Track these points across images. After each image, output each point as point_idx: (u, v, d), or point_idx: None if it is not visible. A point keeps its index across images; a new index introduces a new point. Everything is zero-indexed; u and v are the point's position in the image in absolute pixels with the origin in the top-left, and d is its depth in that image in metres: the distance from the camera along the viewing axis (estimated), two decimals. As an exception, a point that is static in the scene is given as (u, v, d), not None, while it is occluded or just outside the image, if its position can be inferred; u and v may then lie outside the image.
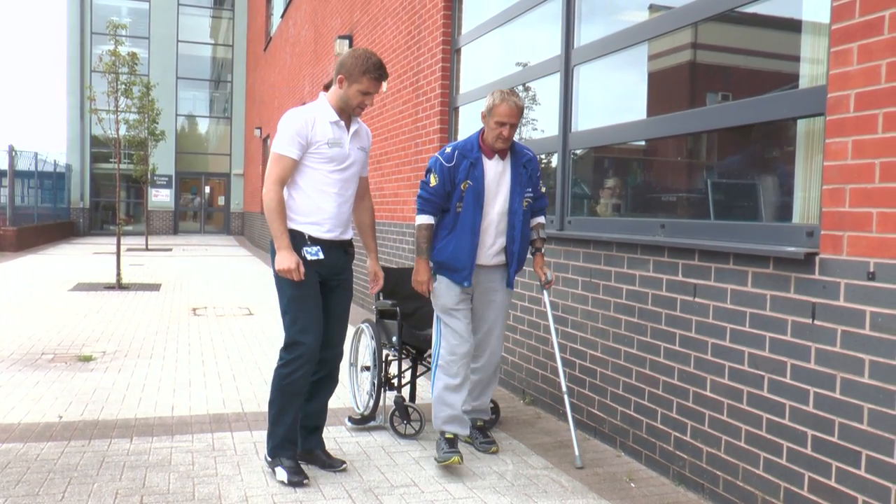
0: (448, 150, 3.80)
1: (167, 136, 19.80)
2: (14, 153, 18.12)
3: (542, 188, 3.99)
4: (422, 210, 3.81)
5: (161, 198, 27.77)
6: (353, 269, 8.96)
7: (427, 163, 3.78)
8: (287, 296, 3.40)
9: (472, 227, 3.73)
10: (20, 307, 8.69)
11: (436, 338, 3.87)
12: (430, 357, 4.41)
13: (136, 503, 3.17)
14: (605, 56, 4.35)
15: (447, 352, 3.78)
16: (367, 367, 4.36)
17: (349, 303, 3.65)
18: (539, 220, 4.02)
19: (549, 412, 4.68)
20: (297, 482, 3.35)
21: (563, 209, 4.72)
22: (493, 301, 3.92)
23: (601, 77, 4.52)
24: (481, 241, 3.79)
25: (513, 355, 5.16)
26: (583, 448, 3.98)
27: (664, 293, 3.61)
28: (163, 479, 3.44)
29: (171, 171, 27.71)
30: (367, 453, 3.87)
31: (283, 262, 3.30)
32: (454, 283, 3.77)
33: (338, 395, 4.75)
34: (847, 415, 2.64)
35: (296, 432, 3.51)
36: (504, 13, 5.63)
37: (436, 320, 3.88)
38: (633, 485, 3.52)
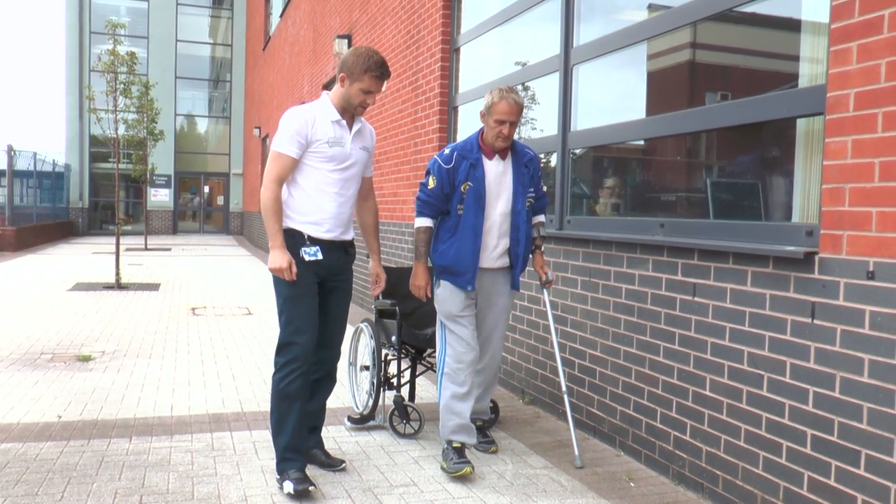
0: (447, 152, 3.72)
1: (166, 136, 19.78)
2: (13, 153, 18.11)
3: (543, 187, 3.93)
4: (420, 213, 3.75)
5: (160, 197, 27.76)
6: (353, 269, 8.95)
7: (426, 163, 3.74)
8: (283, 295, 3.35)
9: (474, 229, 3.65)
10: (19, 307, 8.69)
11: (440, 345, 3.78)
12: (430, 356, 4.43)
13: (135, 503, 3.16)
14: (605, 55, 4.35)
15: (454, 360, 3.69)
16: (366, 367, 4.35)
17: (348, 303, 3.60)
18: (539, 219, 3.97)
19: (548, 411, 4.68)
20: (303, 490, 3.20)
21: (563, 208, 4.72)
22: (496, 304, 3.86)
23: (600, 76, 4.52)
24: (484, 243, 3.72)
25: (512, 355, 5.16)
26: (582, 447, 3.98)
27: (663, 292, 3.61)
28: (162, 479, 3.44)
29: (170, 170, 27.70)
30: (367, 453, 3.87)
31: (276, 260, 3.26)
32: (457, 287, 3.70)
33: (337, 395, 4.75)
34: (846, 414, 2.64)
35: (300, 440, 3.38)
36: (503, 12, 5.62)
37: (440, 327, 3.79)
38: (632, 484, 3.52)
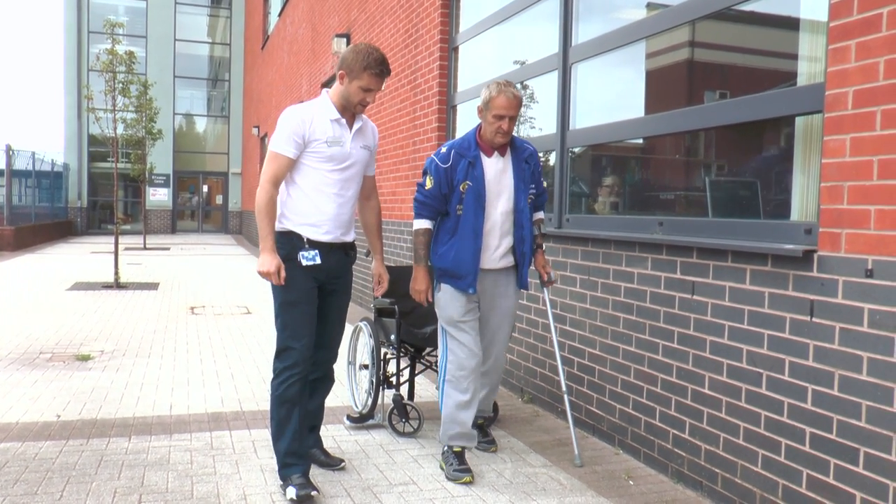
0: (444, 150, 3.58)
1: (165, 135, 19.77)
2: (11, 152, 18.09)
3: (543, 183, 3.83)
4: (419, 214, 3.61)
5: (159, 197, 27.75)
6: (353, 269, 8.93)
7: (424, 162, 3.69)
8: (280, 300, 3.28)
9: (475, 229, 3.51)
10: (18, 307, 8.68)
11: (442, 350, 3.66)
12: (429, 355, 4.43)
13: (134, 502, 3.16)
14: (603, 54, 4.35)
15: (455, 367, 3.57)
16: (365, 366, 4.35)
17: (347, 305, 3.55)
18: (538, 216, 3.88)
19: (547, 410, 4.68)
20: (305, 496, 3.14)
21: (562, 207, 4.72)
22: (500, 306, 3.72)
23: (599, 75, 4.52)
24: (485, 244, 3.58)
25: (511, 353, 5.16)
26: (581, 446, 3.98)
27: (663, 291, 3.61)
28: (161, 478, 3.44)
29: (169, 170, 27.69)
30: (366, 452, 3.87)
31: (264, 264, 3.17)
32: (459, 291, 3.56)
33: (336, 394, 4.75)
34: (845, 412, 2.64)
35: (301, 444, 3.30)
36: (502, 11, 5.62)
37: (441, 332, 3.66)
38: (631, 482, 3.52)
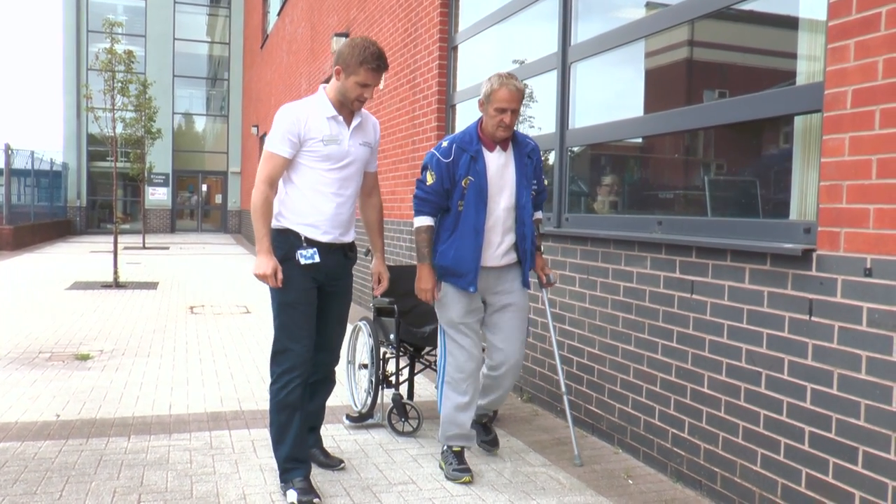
0: (444, 145, 3.48)
1: (164, 135, 19.78)
2: (10, 152, 18.08)
3: (544, 181, 3.75)
4: (420, 211, 3.51)
5: (158, 196, 27.74)
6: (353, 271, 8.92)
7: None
8: (278, 301, 3.21)
9: (476, 226, 3.41)
10: (17, 306, 8.68)
11: (441, 351, 3.60)
12: (428, 354, 4.43)
13: (133, 501, 3.16)
14: (602, 53, 4.35)
15: (455, 369, 3.51)
16: (364, 365, 4.35)
17: (348, 307, 3.50)
18: (537, 216, 3.77)
19: (546, 409, 4.69)
20: (307, 502, 3.10)
21: (561, 206, 4.72)
22: (510, 304, 3.58)
23: (598, 74, 4.52)
24: (487, 240, 3.48)
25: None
26: (581, 445, 3.98)
27: (661, 290, 3.61)
28: (161, 478, 3.44)
29: (168, 169, 27.68)
30: (365, 451, 3.87)
31: (261, 266, 3.11)
32: (459, 290, 3.48)
33: (335, 394, 4.75)
34: (844, 411, 2.64)
35: (302, 449, 3.26)
36: (501, 10, 5.62)
37: (441, 333, 3.60)
38: (630, 481, 3.52)
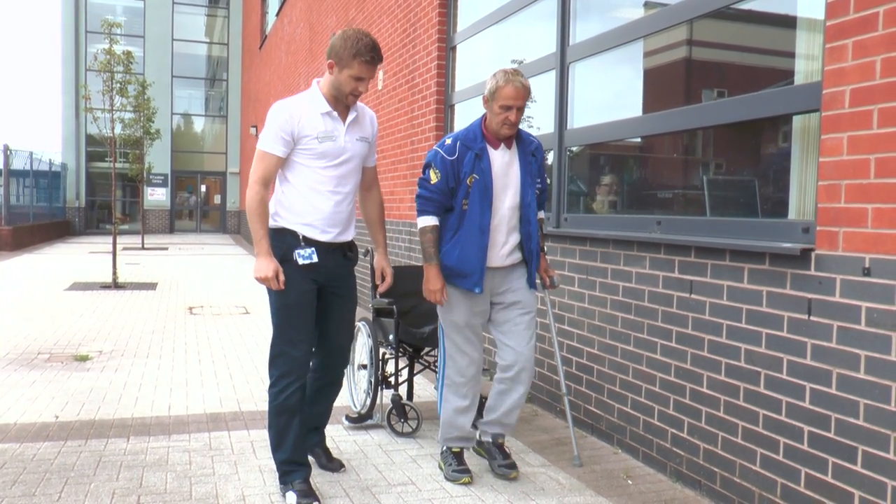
0: (448, 142, 3.38)
1: (163, 135, 19.75)
2: (9, 152, 18.07)
3: (547, 179, 3.69)
4: (423, 211, 3.39)
5: (157, 196, 27.74)
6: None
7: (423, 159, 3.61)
8: (276, 303, 3.13)
9: (480, 225, 3.31)
10: (16, 307, 8.67)
11: (441, 354, 3.54)
12: (428, 355, 4.43)
13: (133, 503, 3.16)
14: (601, 53, 4.35)
15: (455, 373, 3.45)
16: (363, 366, 4.35)
17: (354, 310, 3.42)
18: (539, 216, 3.63)
19: (546, 409, 4.68)
20: None
21: (560, 206, 4.72)
22: (517, 302, 3.46)
23: (597, 74, 4.52)
24: (492, 240, 3.37)
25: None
26: (580, 445, 3.98)
27: (661, 290, 3.61)
28: (160, 479, 3.43)
29: (167, 169, 27.67)
30: (365, 452, 3.87)
31: (261, 269, 3.03)
32: (463, 292, 3.39)
33: (335, 394, 4.75)
34: (843, 410, 2.65)
35: (302, 452, 3.23)
36: (499, 10, 5.62)
37: (441, 334, 3.53)
38: (630, 482, 3.52)
